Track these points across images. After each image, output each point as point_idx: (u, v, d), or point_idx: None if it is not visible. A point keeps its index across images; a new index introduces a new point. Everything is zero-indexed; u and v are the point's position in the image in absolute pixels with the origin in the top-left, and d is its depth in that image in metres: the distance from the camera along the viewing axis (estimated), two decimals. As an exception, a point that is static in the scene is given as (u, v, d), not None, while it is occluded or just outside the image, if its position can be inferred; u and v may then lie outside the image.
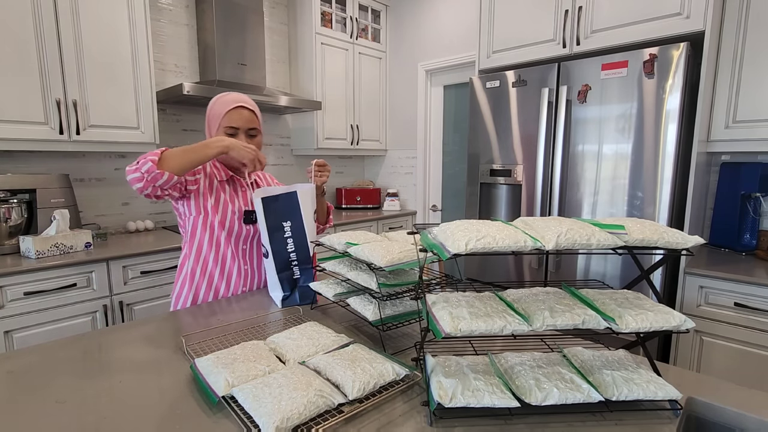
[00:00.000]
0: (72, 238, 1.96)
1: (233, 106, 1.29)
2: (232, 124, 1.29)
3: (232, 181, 1.37)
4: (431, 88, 3.49)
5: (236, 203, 1.35)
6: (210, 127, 1.34)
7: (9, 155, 2.14)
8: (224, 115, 1.28)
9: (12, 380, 0.80)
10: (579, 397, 0.67)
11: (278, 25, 3.25)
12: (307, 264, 1.23)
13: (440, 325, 0.67)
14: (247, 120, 1.32)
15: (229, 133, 1.29)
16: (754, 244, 2.01)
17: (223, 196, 1.33)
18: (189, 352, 0.91)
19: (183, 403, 0.72)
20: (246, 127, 1.31)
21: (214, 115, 1.31)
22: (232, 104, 1.29)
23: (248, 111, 1.32)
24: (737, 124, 1.88)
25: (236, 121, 1.29)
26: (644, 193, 1.82)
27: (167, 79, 2.68)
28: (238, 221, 1.33)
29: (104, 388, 0.77)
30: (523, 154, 2.18)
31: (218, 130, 1.30)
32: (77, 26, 2.02)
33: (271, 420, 0.61)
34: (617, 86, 1.85)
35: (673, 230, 0.71)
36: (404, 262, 0.92)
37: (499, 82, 2.23)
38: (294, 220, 1.20)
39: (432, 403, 0.67)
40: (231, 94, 1.32)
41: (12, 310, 1.72)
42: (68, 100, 2.01)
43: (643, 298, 0.78)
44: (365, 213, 3.43)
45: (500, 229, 0.70)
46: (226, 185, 1.35)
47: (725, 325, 1.71)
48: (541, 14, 2.15)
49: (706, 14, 1.69)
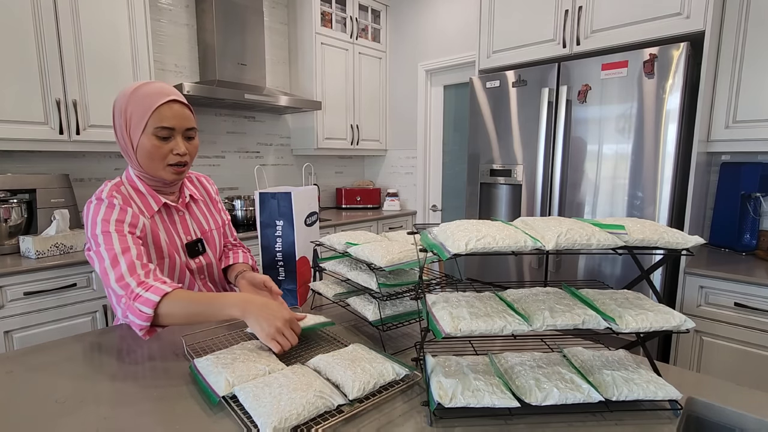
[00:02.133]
0: (72, 238, 1.96)
1: (165, 99, 0.98)
2: (164, 123, 0.98)
3: (165, 209, 1.10)
4: (431, 88, 3.49)
5: (175, 239, 1.10)
6: (130, 128, 0.99)
7: (9, 155, 2.14)
8: (153, 111, 0.97)
9: (12, 380, 0.80)
10: (579, 397, 0.67)
11: (278, 25, 3.25)
12: (292, 267, 1.23)
13: (440, 325, 0.67)
14: (184, 117, 1.02)
15: (162, 135, 0.99)
16: (754, 244, 2.01)
17: (161, 234, 1.07)
18: (189, 352, 0.91)
19: (183, 403, 0.72)
20: (183, 126, 1.02)
21: (136, 113, 0.97)
22: (163, 97, 0.98)
23: (182, 106, 1.02)
24: (737, 124, 1.88)
25: (170, 119, 0.99)
26: (644, 193, 1.82)
27: (167, 79, 2.68)
28: (185, 257, 1.11)
29: (104, 388, 0.77)
30: (523, 154, 2.18)
31: (144, 132, 0.98)
32: (77, 26, 2.02)
33: (269, 420, 0.61)
34: (617, 86, 1.85)
35: (673, 230, 0.71)
36: (404, 262, 0.92)
37: (499, 82, 2.23)
38: (286, 220, 1.20)
39: (432, 403, 0.67)
40: (152, 84, 1.01)
41: (12, 310, 1.72)
42: (68, 100, 2.01)
43: (643, 298, 0.78)
44: (365, 213, 3.43)
45: (500, 229, 0.70)
46: (157, 217, 1.07)
47: (725, 325, 1.70)
48: (541, 14, 2.15)
49: (706, 14, 1.69)
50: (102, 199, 0.99)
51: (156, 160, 1.01)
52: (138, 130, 0.98)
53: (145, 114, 0.97)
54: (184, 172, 1.07)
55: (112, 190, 1.02)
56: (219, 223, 1.25)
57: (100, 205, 0.98)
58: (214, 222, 1.23)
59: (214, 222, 1.23)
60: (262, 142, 3.24)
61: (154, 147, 0.99)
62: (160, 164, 1.02)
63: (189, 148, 1.04)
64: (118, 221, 0.97)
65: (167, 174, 1.04)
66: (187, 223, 1.15)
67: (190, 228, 1.15)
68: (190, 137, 1.05)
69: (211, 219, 1.23)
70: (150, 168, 1.03)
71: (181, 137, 1.02)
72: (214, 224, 1.23)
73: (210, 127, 2.91)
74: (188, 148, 1.04)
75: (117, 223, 0.97)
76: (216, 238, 1.22)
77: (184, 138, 1.04)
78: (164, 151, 1.00)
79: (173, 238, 1.10)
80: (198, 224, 1.18)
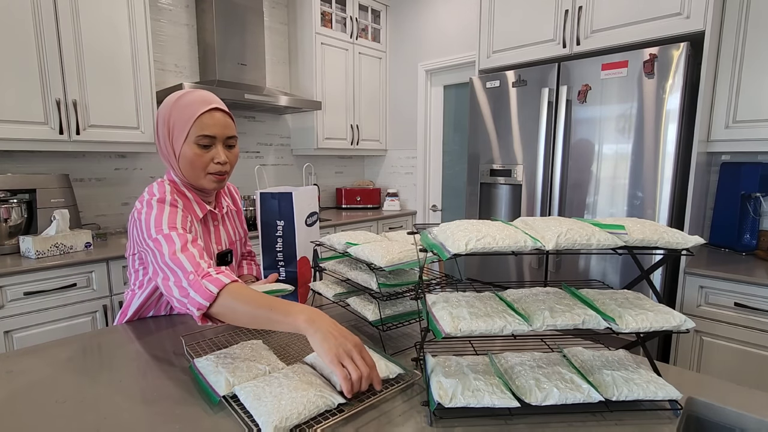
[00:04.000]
0: (72, 238, 1.96)
1: (207, 108, 0.98)
2: (207, 132, 0.98)
3: (207, 217, 1.12)
4: (431, 88, 3.49)
5: (211, 247, 1.12)
6: (173, 137, 1.00)
7: (9, 155, 2.14)
8: (195, 120, 0.97)
9: (12, 380, 0.80)
10: (579, 397, 0.67)
11: (278, 25, 3.25)
12: (293, 267, 1.23)
13: (440, 325, 0.67)
14: (225, 126, 1.02)
15: (203, 144, 0.99)
16: (754, 244, 2.01)
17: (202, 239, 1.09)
18: (188, 352, 0.91)
19: (183, 403, 0.72)
20: (225, 135, 1.02)
21: (179, 122, 0.98)
22: (205, 106, 0.98)
23: (224, 114, 1.02)
24: (737, 124, 1.88)
25: (212, 128, 0.99)
26: (644, 193, 1.82)
27: (167, 79, 2.68)
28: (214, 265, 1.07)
29: (104, 388, 0.77)
30: (523, 154, 2.18)
31: (185, 141, 0.98)
32: (77, 26, 2.02)
33: (270, 419, 0.61)
34: (617, 86, 1.85)
35: (673, 230, 0.71)
36: (404, 262, 0.92)
37: (499, 82, 2.23)
38: (286, 221, 1.20)
39: (432, 403, 0.67)
40: (195, 92, 1.01)
41: (12, 310, 1.72)
42: (68, 100, 2.01)
43: (643, 298, 0.78)
44: (365, 213, 3.43)
45: (500, 229, 0.70)
46: (202, 223, 1.10)
47: (725, 325, 1.70)
48: (541, 14, 2.15)
49: (706, 14, 1.69)
50: (164, 201, 0.97)
51: (197, 168, 1.01)
52: (180, 138, 0.99)
53: (188, 123, 0.97)
54: (224, 181, 1.07)
55: (172, 193, 1.01)
56: (241, 235, 1.28)
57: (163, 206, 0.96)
58: (237, 234, 1.26)
59: (237, 234, 1.26)
60: (262, 142, 3.24)
61: (195, 155, 0.99)
62: (202, 173, 1.02)
63: (229, 157, 1.04)
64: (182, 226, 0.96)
65: (208, 182, 1.04)
66: (220, 233, 1.16)
67: (222, 238, 1.17)
68: (230, 145, 1.05)
69: (237, 230, 1.26)
70: (191, 176, 1.03)
71: (222, 146, 1.02)
72: (237, 236, 1.26)
73: (210, 127, 2.91)
74: (228, 157, 1.04)
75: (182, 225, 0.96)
76: (238, 248, 1.26)
77: (225, 146, 1.04)
78: (205, 159, 1.01)
79: (208, 247, 1.10)
80: (228, 235, 1.20)
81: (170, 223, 0.94)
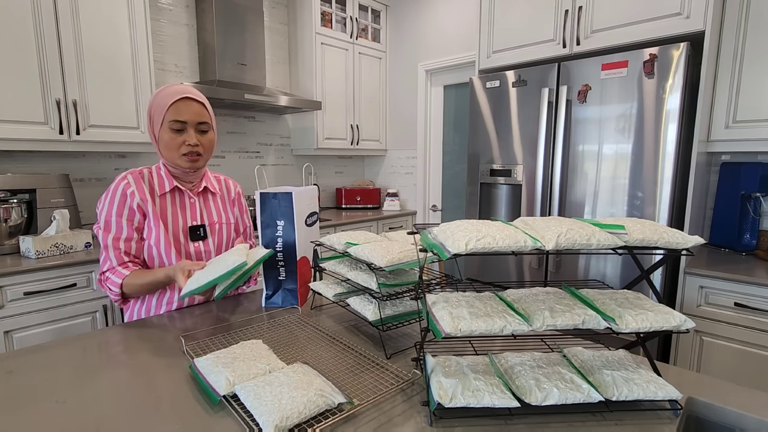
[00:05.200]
0: (72, 238, 1.96)
1: (179, 96, 1.13)
2: (178, 117, 1.13)
3: (177, 192, 1.24)
4: (431, 88, 3.49)
5: (179, 220, 1.22)
6: (153, 123, 1.17)
7: (9, 155, 2.14)
8: (169, 107, 1.12)
9: (12, 380, 0.80)
10: (579, 397, 0.67)
11: (278, 25, 3.25)
12: (293, 267, 1.23)
13: (440, 325, 0.67)
14: (196, 113, 1.16)
15: (175, 128, 1.14)
16: (754, 244, 2.01)
17: (168, 213, 1.20)
18: (188, 351, 0.91)
19: (183, 402, 0.72)
20: (195, 120, 1.16)
21: (157, 108, 1.14)
22: (178, 95, 1.13)
23: (197, 103, 1.16)
24: (737, 124, 1.88)
25: (183, 113, 1.13)
26: (644, 193, 1.82)
27: (167, 79, 2.68)
28: (184, 239, 1.22)
29: (104, 388, 0.77)
30: (523, 154, 2.18)
31: (162, 126, 1.14)
32: (77, 26, 2.02)
33: (271, 419, 0.61)
34: (617, 86, 1.85)
35: (673, 230, 0.71)
36: (404, 262, 0.92)
37: (499, 82, 2.23)
38: (287, 221, 1.20)
39: (432, 403, 0.67)
40: (174, 86, 1.17)
41: (12, 310, 1.72)
42: (68, 100, 2.01)
43: (643, 298, 0.78)
44: (365, 213, 3.43)
45: (500, 229, 0.70)
46: (169, 197, 1.22)
47: (725, 325, 1.71)
48: (541, 14, 2.15)
49: (706, 14, 1.69)
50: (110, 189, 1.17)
51: (172, 149, 1.17)
52: (158, 124, 1.15)
53: (163, 110, 1.13)
54: (198, 161, 1.20)
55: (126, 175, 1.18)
56: (231, 221, 1.35)
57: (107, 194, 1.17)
58: (226, 218, 1.34)
59: (226, 218, 1.34)
60: (262, 142, 3.24)
61: (170, 138, 1.15)
62: (176, 153, 1.17)
63: (202, 141, 1.19)
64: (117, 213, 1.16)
65: (183, 162, 1.19)
66: (195, 210, 1.26)
67: (198, 214, 1.26)
68: (203, 131, 1.19)
69: (223, 214, 1.34)
70: (169, 157, 1.19)
71: (194, 130, 1.17)
72: (225, 219, 1.33)
73: (210, 127, 2.91)
74: (201, 141, 1.19)
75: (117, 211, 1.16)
76: (224, 233, 1.32)
77: (197, 131, 1.18)
78: (178, 141, 1.16)
79: (177, 219, 1.22)
80: (208, 213, 1.29)
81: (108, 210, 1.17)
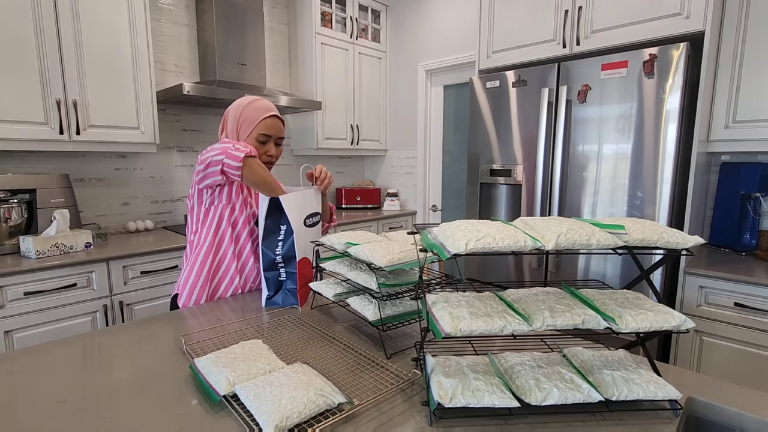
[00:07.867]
0: (72, 238, 1.96)
1: (269, 114, 1.32)
2: (267, 132, 1.31)
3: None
4: (431, 88, 3.49)
5: (252, 206, 1.38)
6: (239, 130, 1.32)
7: (9, 155, 2.14)
8: (260, 121, 1.30)
9: (12, 380, 0.80)
10: (579, 397, 0.67)
11: (278, 25, 3.25)
12: (293, 268, 1.23)
13: (440, 325, 0.67)
14: (280, 129, 1.36)
15: (261, 140, 1.31)
16: (754, 244, 2.01)
17: (246, 194, 1.36)
18: (188, 351, 0.91)
19: (183, 402, 0.72)
20: (278, 135, 1.35)
21: (247, 120, 1.30)
22: (268, 112, 1.32)
23: (280, 120, 1.35)
24: (737, 124, 1.88)
25: (271, 129, 1.32)
26: (644, 193, 1.82)
27: (167, 79, 2.68)
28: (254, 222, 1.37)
29: (104, 388, 0.77)
30: (523, 154, 2.18)
31: (249, 135, 1.31)
32: (77, 26, 2.02)
33: (271, 419, 0.61)
34: (617, 86, 1.85)
35: (673, 230, 0.71)
36: (404, 262, 0.92)
37: (499, 82, 2.23)
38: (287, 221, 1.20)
39: (432, 403, 0.67)
40: (261, 101, 1.33)
41: (12, 310, 1.72)
42: (68, 100, 2.01)
43: (643, 298, 0.78)
44: (365, 213, 3.43)
45: (500, 229, 0.70)
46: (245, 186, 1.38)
47: (725, 325, 1.71)
48: (541, 14, 2.15)
49: (706, 14, 1.69)
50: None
51: None
52: (246, 132, 1.31)
53: (254, 122, 1.30)
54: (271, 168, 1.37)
55: None
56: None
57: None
58: None
59: None
60: (262, 143, 3.23)
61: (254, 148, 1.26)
62: None
63: (277, 152, 1.37)
64: None
65: None
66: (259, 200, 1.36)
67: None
68: (279, 144, 1.38)
69: None
70: None
71: (273, 143, 1.35)
72: None
73: (210, 126, 2.91)
74: (276, 152, 1.37)
75: None
76: None
77: (275, 144, 1.36)
78: (260, 151, 1.32)
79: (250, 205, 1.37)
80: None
81: None
